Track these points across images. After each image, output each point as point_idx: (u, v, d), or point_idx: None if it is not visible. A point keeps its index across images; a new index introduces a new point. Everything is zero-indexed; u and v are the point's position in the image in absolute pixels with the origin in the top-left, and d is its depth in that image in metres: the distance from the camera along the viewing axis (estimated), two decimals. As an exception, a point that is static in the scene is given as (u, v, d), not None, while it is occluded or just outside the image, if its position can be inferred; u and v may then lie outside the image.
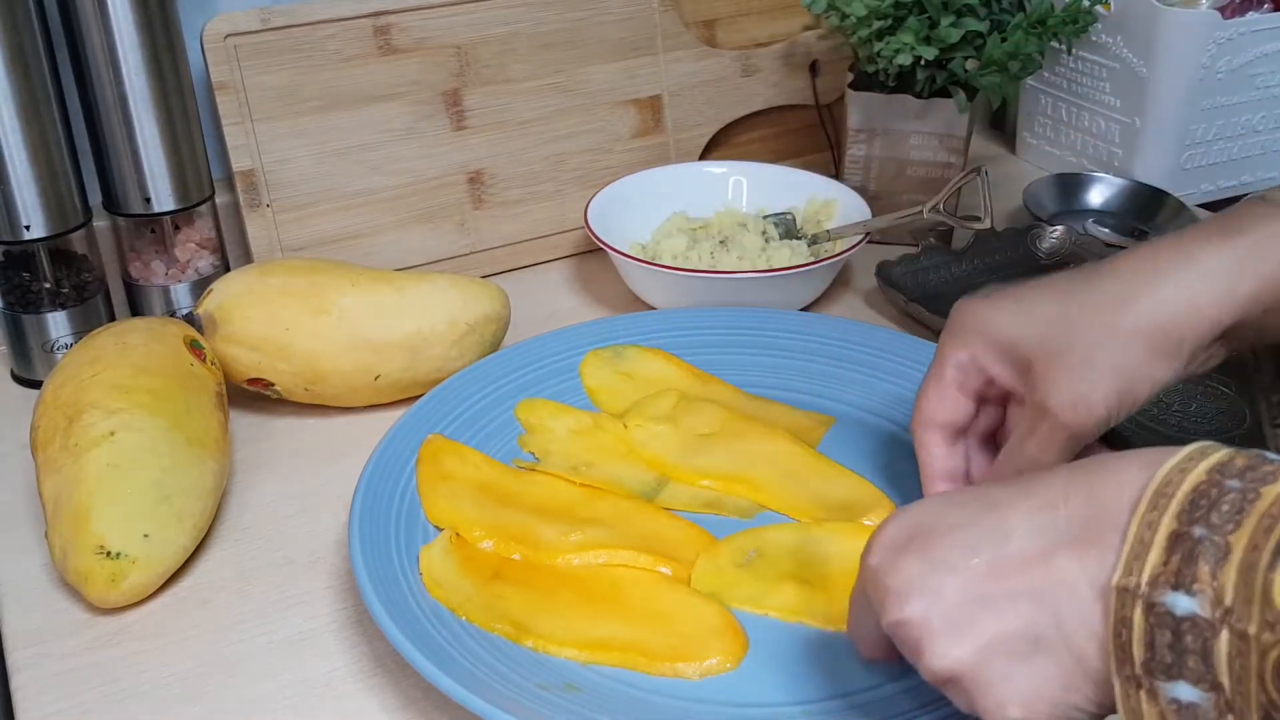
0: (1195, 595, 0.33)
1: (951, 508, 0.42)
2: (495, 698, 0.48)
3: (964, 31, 0.83)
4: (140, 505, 0.57)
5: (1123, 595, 0.35)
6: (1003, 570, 0.38)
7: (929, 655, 0.39)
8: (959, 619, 0.39)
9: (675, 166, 0.92)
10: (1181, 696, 0.33)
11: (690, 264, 0.81)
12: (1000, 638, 0.38)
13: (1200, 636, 0.33)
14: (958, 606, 0.39)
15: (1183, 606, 0.33)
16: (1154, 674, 0.34)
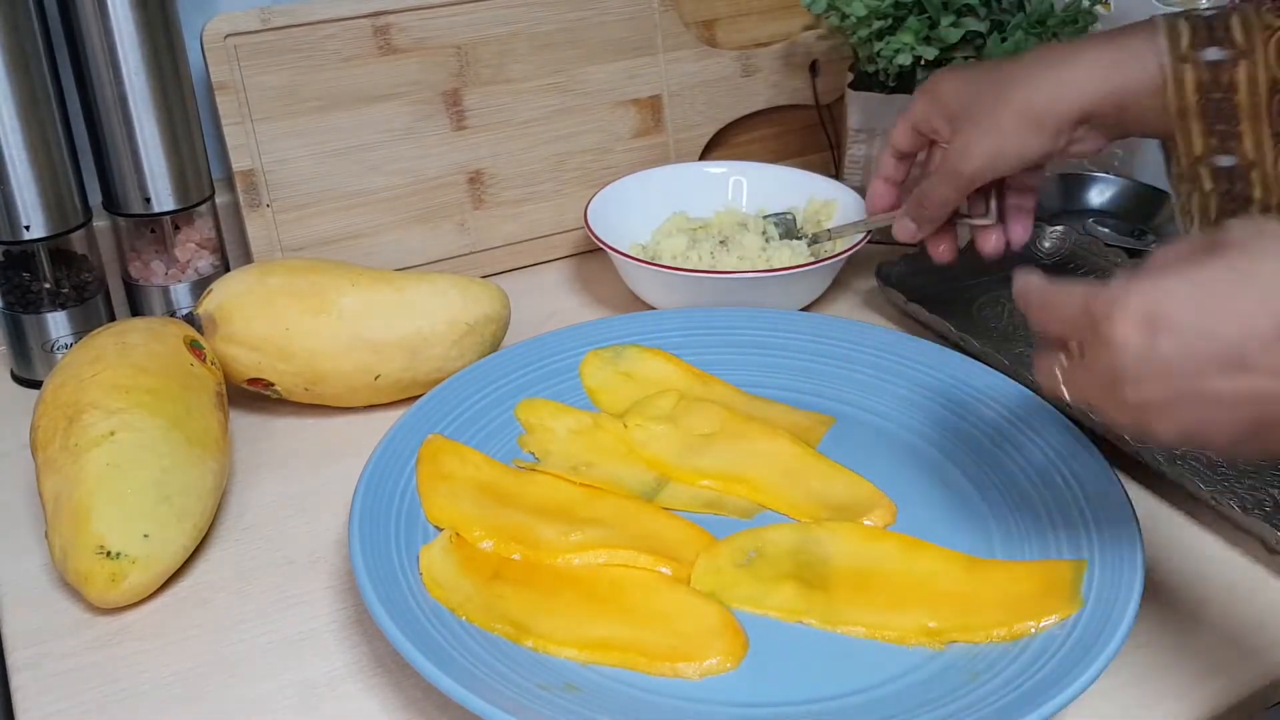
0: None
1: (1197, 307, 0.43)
2: (495, 698, 0.48)
3: (964, 31, 0.83)
4: (140, 505, 0.57)
5: None
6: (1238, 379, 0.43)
7: (1159, 429, 0.45)
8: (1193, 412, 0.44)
9: (675, 166, 0.92)
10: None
11: (690, 264, 0.81)
12: (1224, 426, 0.44)
13: None
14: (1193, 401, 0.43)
15: None
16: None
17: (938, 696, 0.50)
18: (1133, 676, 0.54)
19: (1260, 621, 0.57)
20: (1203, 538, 0.62)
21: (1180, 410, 0.44)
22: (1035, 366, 0.50)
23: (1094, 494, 0.60)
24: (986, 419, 0.67)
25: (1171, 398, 0.44)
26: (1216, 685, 0.53)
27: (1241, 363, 0.42)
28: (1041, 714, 0.47)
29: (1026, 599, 0.55)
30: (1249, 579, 0.59)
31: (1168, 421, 0.44)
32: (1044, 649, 0.52)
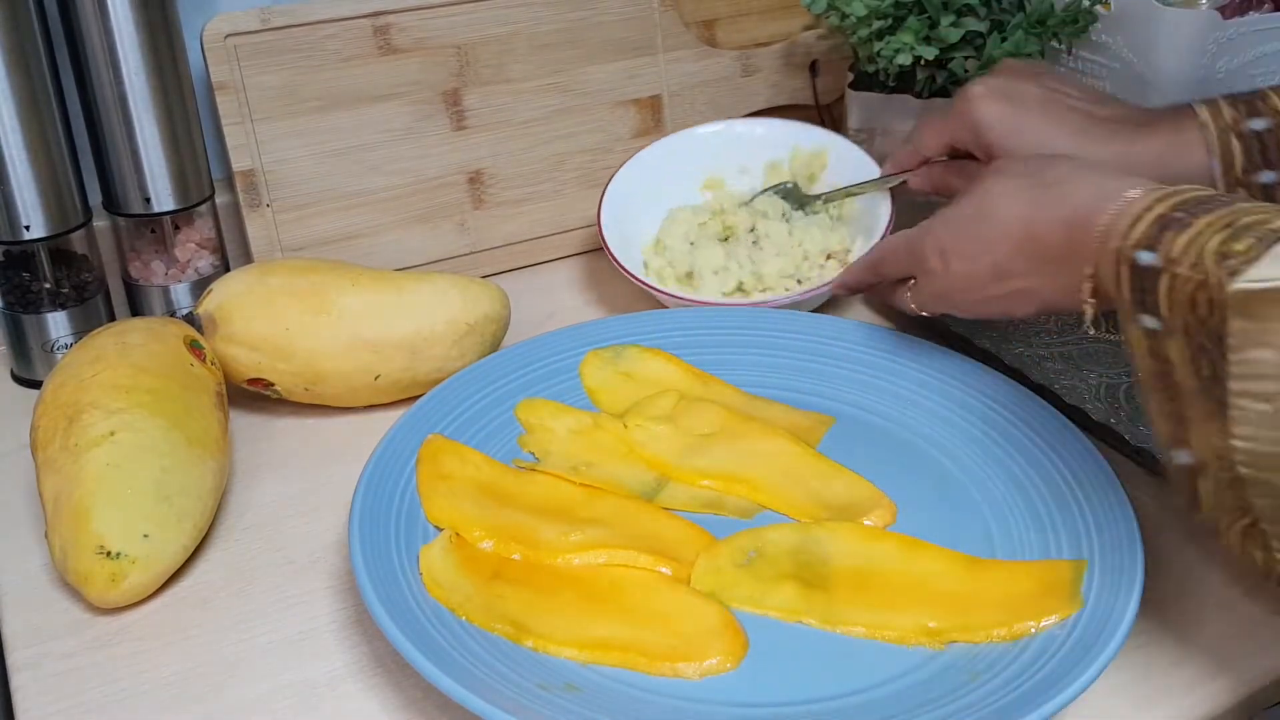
0: (1155, 252, 0.48)
1: (965, 241, 0.62)
2: (495, 698, 0.48)
3: (964, 31, 0.83)
4: (140, 505, 0.57)
5: (1119, 258, 0.50)
6: (1004, 286, 0.61)
7: (969, 314, 0.65)
8: (984, 307, 0.63)
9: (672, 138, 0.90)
10: (1148, 324, 0.48)
11: (731, 275, 0.80)
12: (1006, 310, 0.62)
13: (1154, 280, 0.48)
14: (982, 301, 0.63)
15: (1145, 260, 0.48)
16: (1135, 309, 0.49)
17: (938, 696, 0.50)
18: (1133, 676, 0.54)
19: (1260, 621, 0.57)
20: (1203, 538, 0.62)
21: (979, 306, 0.64)
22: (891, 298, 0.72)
23: (1094, 494, 0.60)
24: (986, 419, 0.67)
25: (968, 300, 0.64)
26: (1216, 685, 0.53)
27: (1002, 273, 0.60)
28: (1041, 714, 0.47)
29: (1026, 599, 0.55)
30: (1249, 579, 0.59)
31: (982, 311, 0.64)
32: (1044, 649, 0.52)
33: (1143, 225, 0.49)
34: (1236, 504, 0.46)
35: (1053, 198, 0.57)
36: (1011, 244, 0.59)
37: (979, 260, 0.61)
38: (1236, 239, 0.45)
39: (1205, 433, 0.46)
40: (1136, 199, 0.51)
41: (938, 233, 0.64)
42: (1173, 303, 0.47)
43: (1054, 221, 0.56)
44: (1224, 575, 0.60)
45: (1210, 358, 0.45)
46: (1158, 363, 0.48)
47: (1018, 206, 0.59)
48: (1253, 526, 0.46)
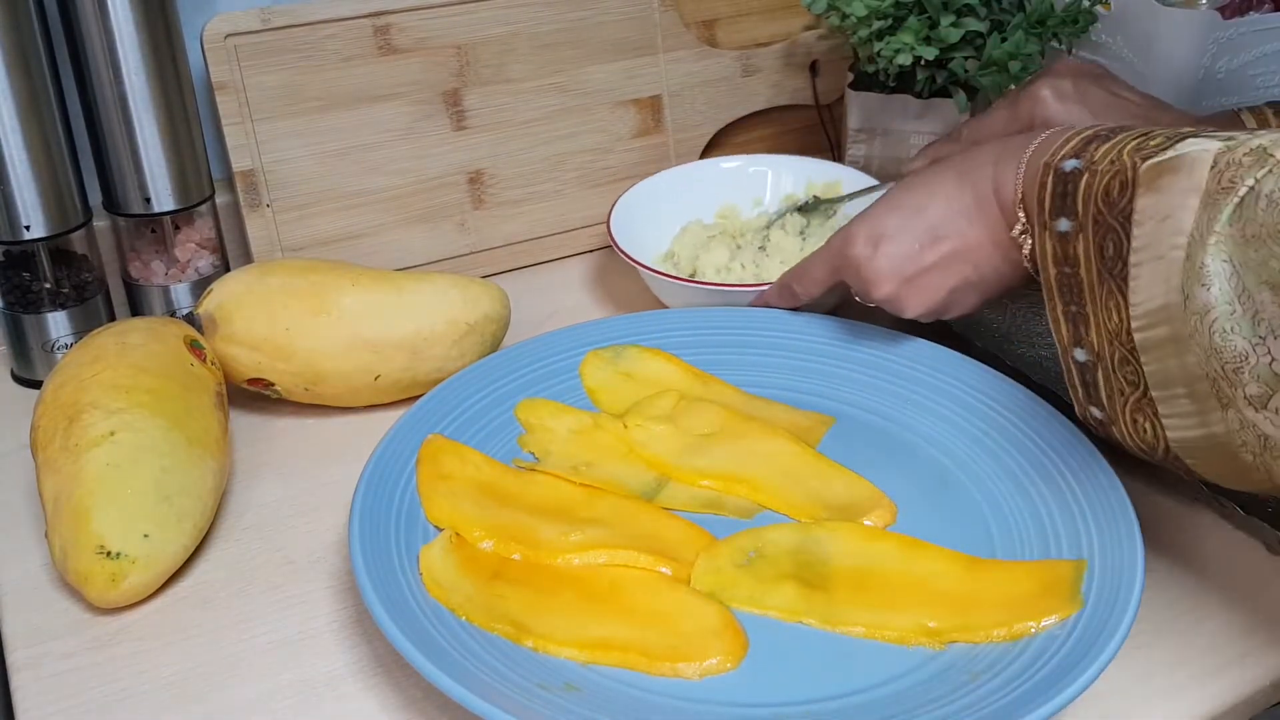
0: (1080, 159, 0.54)
1: (893, 215, 0.65)
2: (495, 698, 0.48)
3: (964, 31, 0.83)
4: (140, 505, 0.57)
5: (1046, 169, 0.55)
6: (937, 250, 0.64)
7: (905, 309, 0.66)
8: (918, 283, 0.65)
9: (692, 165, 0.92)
10: (1061, 227, 0.54)
11: (735, 275, 0.81)
12: (945, 289, 0.65)
13: (1075, 183, 0.54)
14: (916, 279, 0.65)
15: (1070, 165, 0.54)
16: (1052, 215, 0.55)
17: (938, 696, 0.50)
18: (1133, 676, 0.54)
19: (1260, 622, 0.57)
20: (1203, 538, 0.62)
21: (914, 287, 0.65)
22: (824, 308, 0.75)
23: (1094, 494, 0.60)
24: (986, 419, 0.67)
25: (903, 281, 0.65)
26: (1216, 685, 0.53)
27: (934, 235, 0.63)
28: (1041, 714, 0.47)
29: (1026, 599, 0.55)
30: (1249, 579, 0.59)
31: (912, 299, 0.65)
32: (1044, 649, 0.52)
33: (1071, 143, 0.55)
34: (1129, 379, 0.53)
35: (979, 153, 0.63)
36: (944, 199, 0.63)
37: (909, 228, 0.64)
38: (1151, 139, 0.52)
39: (1104, 318, 0.53)
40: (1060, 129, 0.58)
41: (861, 224, 0.66)
42: (1088, 198, 0.53)
43: (983, 165, 0.62)
44: (1224, 575, 0.60)
45: (1115, 239, 0.51)
46: (1064, 266, 0.55)
47: (945, 169, 0.64)
48: (1142, 398, 0.52)
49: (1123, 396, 0.54)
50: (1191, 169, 0.48)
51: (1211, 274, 0.47)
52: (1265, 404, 0.46)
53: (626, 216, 0.84)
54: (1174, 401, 0.51)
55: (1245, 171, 0.47)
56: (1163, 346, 0.50)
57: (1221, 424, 0.49)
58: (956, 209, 0.63)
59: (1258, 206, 0.46)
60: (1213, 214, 0.47)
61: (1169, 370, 0.50)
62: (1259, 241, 0.45)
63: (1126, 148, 0.52)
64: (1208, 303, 0.47)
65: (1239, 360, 0.46)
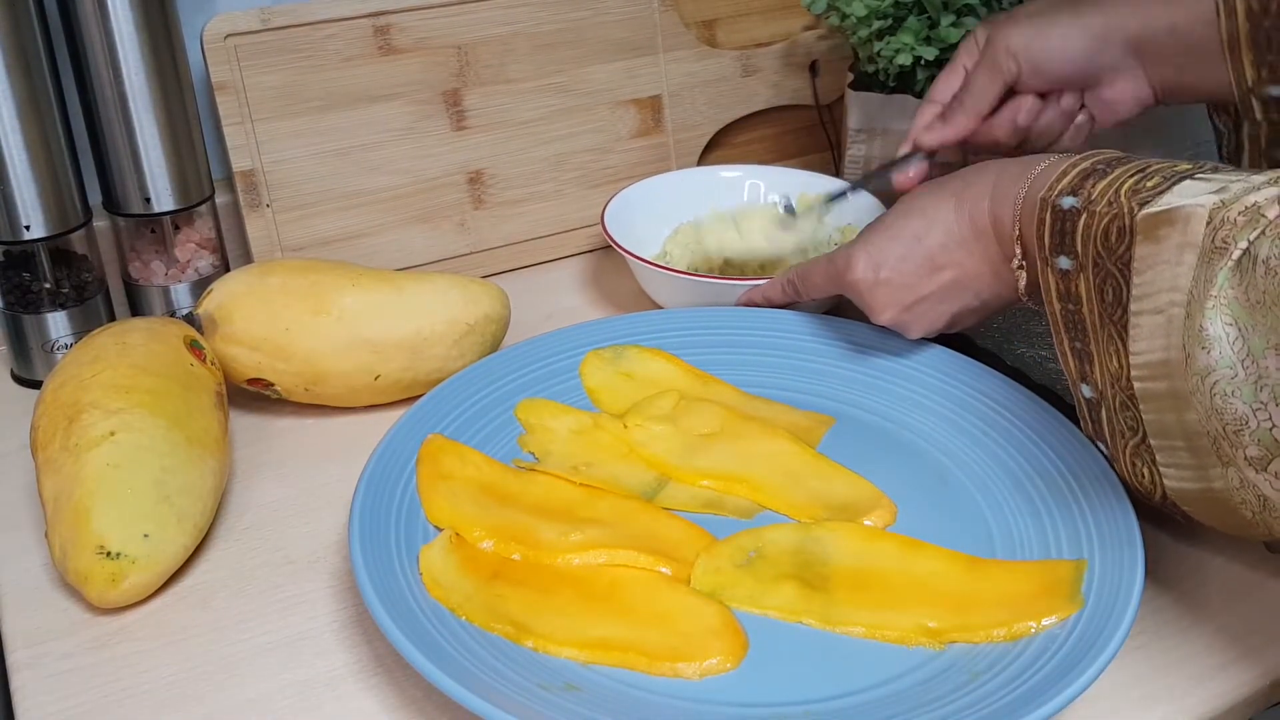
0: (1077, 197, 0.53)
1: (893, 243, 0.65)
2: (495, 698, 0.48)
3: (964, 31, 0.83)
4: (140, 505, 0.57)
5: (1044, 205, 0.55)
6: (937, 280, 0.64)
7: (909, 334, 0.68)
8: (920, 310, 0.66)
9: (689, 171, 0.92)
10: (1062, 265, 0.54)
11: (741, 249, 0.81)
12: (948, 314, 0.66)
13: (1074, 222, 0.53)
14: (916, 307, 0.66)
15: (1067, 203, 0.54)
16: (1052, 253, 0.55)
17: (938, 696, 0.50)
18: (1133, 676, 0.54)
19: (1260, 621, 0.57)
20: (1203, 538, 0.62)
21: (915, 314, 0.66)
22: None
23: (1094, 494, 0.60)
24: (986, 419, 0.67)
25: (904, 309, 0.66)
26: (1216, 685, 0.53)
27: (933, 265, 0.64)
28: (1041, 714, 0.47)
29: (1026, 599, 0.55)
30: (1249, 579, 0.59)
31: (914, 325, 0.67)
32: (1044, 649, 0.52)
33: (1067, 178, 0.55)
34: (1128, 424, 0.53)
35: (977, 180, 0.62)
36: (942, 228, 0.63)
37: (910, 257, 0.64)
38: (1148, 179, 0.51)
39: (1105, 360, 0.53)
40: (1056, 161, 0.57)
41: (861, 250, 0.66)
42: (1087, 239, 0.52)
43: (980, 196, 0.62)
44: (1224, 575, 0.60)
45: (1114, 284, 0.51)
46: (1068, 303, 0.55)
47: (944, 195, 0.64)
48: (1141, 444, 0.53)
49: (1123, 439, 0.54)
50: (1187, 224, 0.48)
51: (1212, 338, 0.47)
52: (1265, 466, 0.46)
53: (623, 215, 0.84)
54: (1173, 453, 0.51)
55: (1239, 232, 0.46)
56: (1162, 399, 0.50)
57: (1221, 480, 0.49)
58: (955, 239, 0.63)
59: (1256, 273, 0.45)
60: (1209, 274, 0.47)
61: (1168, 423, 0.50)
62: (1264, 308, 0.45)
63: (1124, 187, 0.52)
64: (1209, 365, 0.47)
65: (1239, 423, 0.46)
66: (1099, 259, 0.52)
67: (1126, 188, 0.52)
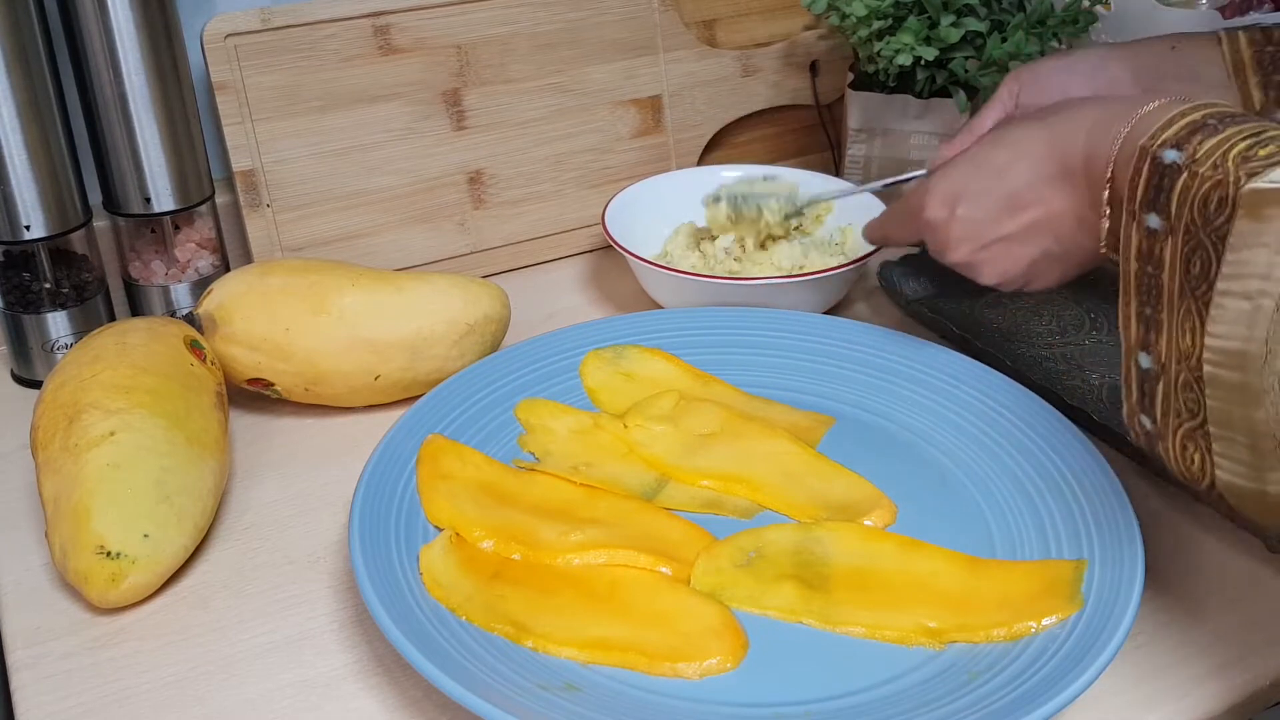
0: (1182, 151, 0.48)
1: (975, 175, 0.60)
2: (495, 698, 0.48)
3: (964, 31, 0.83)
4: (140, 505, 0.57)
5: (1142, 154, 0.50)
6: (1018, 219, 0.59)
7: (981, 278, 0.62)
8: (997, 253, 0.61)
9: (689, 171, 0.92)
10: (1150, 223, 0.49)
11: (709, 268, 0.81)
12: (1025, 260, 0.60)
13: (1173, 179, 0.48)
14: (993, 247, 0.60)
15: (1169, 157, 0.48)
16: (1143, 208, 0.49)
17: (938, 696, 0.50)
18: (1133, 676, 0.54)
19: (1260, 621, 0.57)
20: (1203, 538, 0.62)
21: (990, 255, 0.61)
22: None
23: (1094, 494, 0.60)
24: (986, 419, 0.67)
25: (981, 248, 0.61)
26: (1216, 685, 0.53)
27: (1015, 203, 0.59)
28: (1041, 714, 0.47)
29: (1026, 599, 0.55)
30: (1249, 579, 0.59)
31: (988, 268, 0.61)
32: (1044, 649, 0.52)
33: (1174, 128, 0.49)
34: (1188, 406, 0.49)
35: (1074, 115, 0.57)
36: (1029, 163, 0.58)
37: (991, 193, 0.59)
38: (1262, 145, 0.46)
39: (1177, 334, 0.49)
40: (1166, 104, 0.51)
41: (942, 181, 0.62)
42: (1184, 201, 0.47)
43: (1076, 131, 0.56)
44: (1224, 575, 0.60)
45: (1204, 257, 0.47)
46: (1147, 265, 0.50)
47: (1037, 130, 0.58)
48: (1198, 429, 0.49)
49: (1178, 419, 0.50)
50: None
51: None
52: None
53: (623, 215, 0.84)
54: (1232, 445, 0.48)
55: None
56: (1232, 390, 0.47)
57: (1278, 486, 0.47)
58: (1043, 175, 0.57)
59: None
60: None
61: (1233, 416, 0.47)
62: None
63: (1234, 151, 0.47)
64: None
65: None
66: (1192, 226, 0.47)
67: (1236, 152, 0.47)
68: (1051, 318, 0.81)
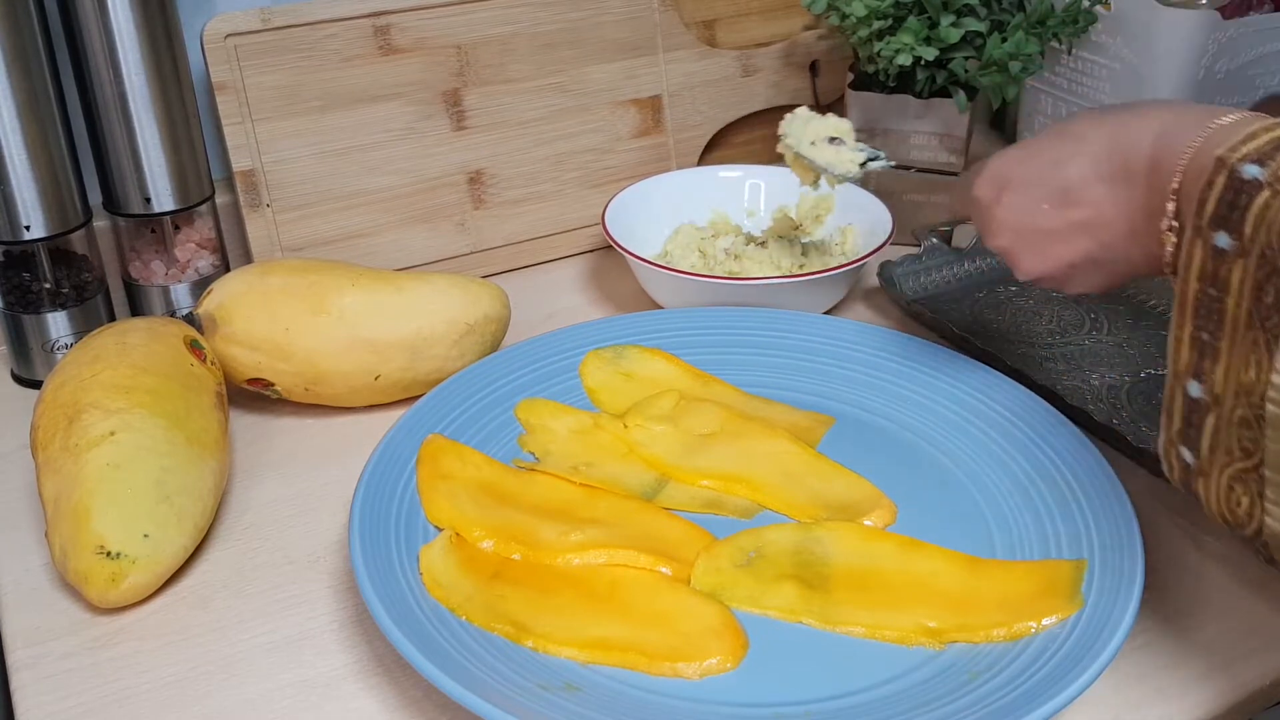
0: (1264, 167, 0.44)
1: (1028, 161, 0.57)
2: (495, 698, 0.48)
3: (964, 31, 0.83)
4: (140, 505, 0.57)
5: (1219, 166, 0.45)
6: (1064, 216, 0.55)
7: (1018, 269, 0.59)
8: (1037, 247, 0.57)
9: (689, 171, 0.92)
10: (1219, 242, 0.45)
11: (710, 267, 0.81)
12: (1065, 261, 0.56)
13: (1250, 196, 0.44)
14: (1034, 239, 0.57)
15: (1250, 172, 0.44)
16: (1211, 225, 0.45)
17: (938, 696, 0.50)
18: (1133, 676, 0.54)
19: (1260, 621, 0.57)
20: (1203, 537, 0.62)
21: (1030, 247, 0.57)
22: None
23: (1094, 494, 0.60)
24: (986, 419, 0.67)
25: (1020, 238, 0.57)
26: (1217, 685, 0.53)
27: (1065, 198, 0.55)
28: (1041, 714, 0.47)
29: (1026, 599, 0.55)
30: (1249, 579, 0.59)
31: (1026, 260, 0.58)
32: (1044, 649, 0.52)
33: (1257, 141, 0.45)
34: (1241, 445, 0.45)
35: (1145, 115, 0.52)
36: (1088, 159, 0.54)
37: (1042, 183, 0.55)
38: None
39: (1238, 366, 0.45)
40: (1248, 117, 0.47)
41: (995, 163, 0.59)
42: (1261, 221, 0.43)
43: (1143, 133, 0.52)
44: (1224, 575, 0.60)
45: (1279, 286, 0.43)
46: (1210, 287, 0.46)
47: (1102, 125, 0.54)
48: (1251, 471, 0.45)
49: (1228, 457, 0.46)
50: None
51: None
52: None
53: (623, 215, 0.84)
54: None
55: None
56: None
57: None
58: (1100, 174, 0.53)
59: None
60: None
61: None
62: None
63: None
64: None
65: None
66: (1269, 250, 0.43)
67: None
68: (1051, 318, 0.81)
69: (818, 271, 0.77)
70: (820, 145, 0.78)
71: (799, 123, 0.78)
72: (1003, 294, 0.84)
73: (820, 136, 0.79)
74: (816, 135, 0.79)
